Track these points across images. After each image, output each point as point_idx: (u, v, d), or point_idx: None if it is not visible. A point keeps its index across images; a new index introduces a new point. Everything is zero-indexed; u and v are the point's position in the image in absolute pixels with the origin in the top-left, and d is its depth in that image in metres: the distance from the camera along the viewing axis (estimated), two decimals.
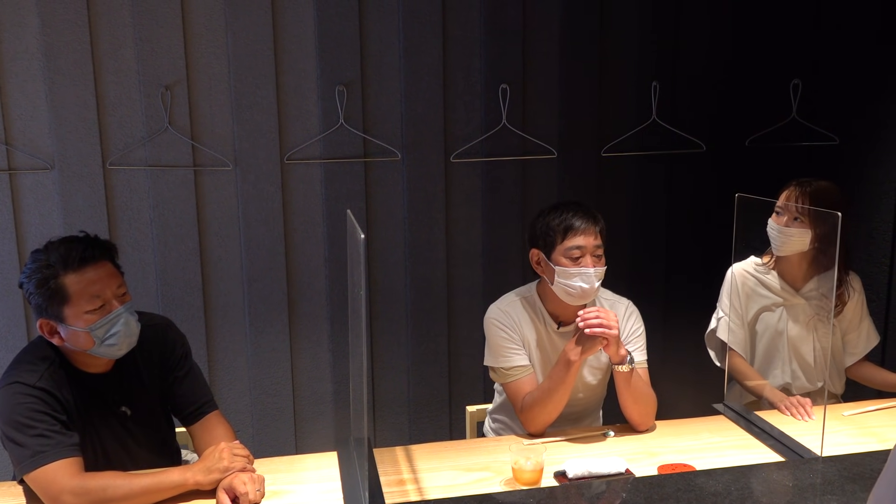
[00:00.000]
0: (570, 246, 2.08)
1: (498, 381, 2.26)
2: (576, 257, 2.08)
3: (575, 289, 2.08)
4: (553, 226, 2.11)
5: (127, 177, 2.77)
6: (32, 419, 1.71)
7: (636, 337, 2.21)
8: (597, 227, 2.11)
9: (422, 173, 2.94)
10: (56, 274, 1.74)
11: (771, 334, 2.40)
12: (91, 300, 1.75)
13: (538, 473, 1.83)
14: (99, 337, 1.77)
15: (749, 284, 2.41)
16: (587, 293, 2.09)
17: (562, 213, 2.11)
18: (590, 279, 2.07)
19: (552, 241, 2.11)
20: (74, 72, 2.66)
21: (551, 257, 2.11)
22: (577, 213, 2.11)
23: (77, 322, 1.75)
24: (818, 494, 1.68)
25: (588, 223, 2.10)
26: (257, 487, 1.77)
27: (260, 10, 2.73)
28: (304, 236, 2.91)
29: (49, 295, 1.74)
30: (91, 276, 1.76)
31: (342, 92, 2.81)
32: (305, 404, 3.02)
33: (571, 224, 2.09)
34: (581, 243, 2.08)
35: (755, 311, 2.41)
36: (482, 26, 2.89)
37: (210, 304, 2.89)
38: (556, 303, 2.18)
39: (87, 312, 1.75)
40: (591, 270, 2.07)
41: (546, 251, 2.13)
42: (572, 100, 3.00)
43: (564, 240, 2.09)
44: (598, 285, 2.10)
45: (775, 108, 3.06)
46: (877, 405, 2.26)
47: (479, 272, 3.05)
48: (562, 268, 2.09)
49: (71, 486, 1.67)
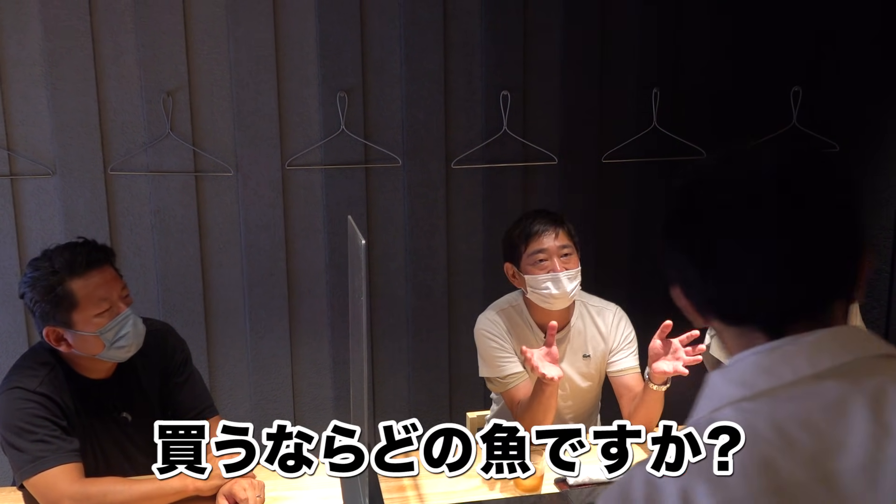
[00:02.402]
0: (532, 251, 2.08)
1: (496, 390, 2.25)
2: (541, 260, 2.07)
3: (546, 294, 2.06)
4: (515, 236, 2.13)
5: (128, 182, 2.77)
6: (33, 424, 1.71)
7: (627, 343, 2.20)
8: (560, 228, 2.10)
9: (423, 179, 2.94)
10: (62, 280, 1.74)
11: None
12: (99, 303, 1.76)
13: (538, 480, 1.82)
14: (109, 340, 1.78)
15: None
16: (559, 298, 2.07)
17: (522, 223, 2.13)
18: (559, 283, 2.05)
19: (518, 251, 2.11)
20: (76, 77, 2.67)
21: (520, 267, 2.11)
22: (537, 218, 2.11)
23: (87, 326, 1.75)
24: None
25: (547, 225, 2.09)
26: (257, 493, 1.77)
27: (261, 17, 2.74)
28: (304, 242, 2.91)
29: (56, 301, 1.74)
30: (97, 280, 1.77)
31: (343, 98, 2.82)
32: (306, 410, 3.01)
33: (531, 230, 2.09)
34: (543, 246, 2.07)
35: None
36: (483, 33, 2.89)
37: (211, 310, 2.89)
38: (539, 312, 2.18)
39: (96, 316, 1.76)
40: (560, 274, 2.05)
41: (515, 262, 2.13)
42: (573, 106, 3.01)
43: (528, 246, 2.09)
44: (571, 287, 2.06)
45: (776, 116, 3.06)
46: None
47: (480, 279, 3.05)
48: (531, 276, 2.08)
49: (71, 492, 1.67)
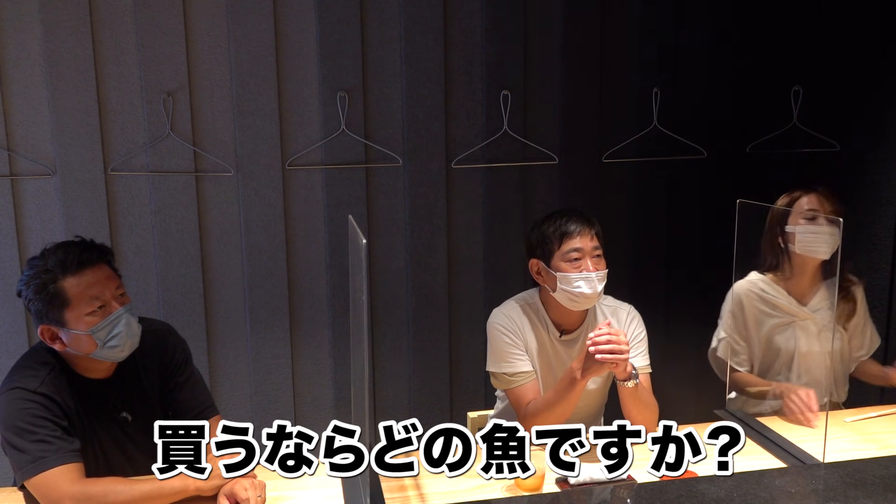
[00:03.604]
0: (567, 249, 2.09)
1: (500, 387, 2.25)
2: (575, 259, 2.08)
3: (577, 293, 2.08)
4: (549, 233, 2.12)
5: (128, 183, 2.77)
6: (33, 424, 1.71)
7: (638, 342, 2.20)
8: (593, 230, 2.12)
9: (423, 179, 2.94)
10: (55, 278, 1.74)
11: (782, 353, 2.37)
12: (90, 302, 1.76)
13: (540, 480, 1.82)
14: (101, 339, 1.77)
15: (757, 306, 2.36)
16: (590, 297, 2.09)
17: (556, 220, 2.13)
18: (592, 282, 2.07)
19: (550, 248, 2.12)
20: (77, 78, 2.67)
21: (551, 264, 2.12)
22: (572, 217, 2.12)
23: (78, 325, 1.76)
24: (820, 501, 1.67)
25: (583, 226, 2.11)
26: (258, 493, 1.76)
27: (262, 17, 2.74)
28: (305, 242, 2.91)
29: (49, 300, 1.74)
30: (89, 279, 1.77)
31: (343, 98, 2.82)
32: (307, 410, 3.01)
33: (567, 229, 2.10)
34: (578, 245, 2.08)
35: (765, 333, 2.37)
36: (483, 32, 2.89)
37: (211, 310, 2.89)
38: (558, 310, 2.18)
39: (87, 315, 1.76)
40: (593, 274, 2.07)
41: (545, 259, 2.14)
42: (573, 106, 3.01)
43: (562, 245, 2.10)
44: (600, 288, 2.09)
45: (776, 115, 3.06)
46: (878, 411, 2.25)
47: (481, 278, 3.05)
48: (563, 273, 2.09)
49: (72, 492, 1.67)
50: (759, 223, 2.34)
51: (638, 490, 1.75)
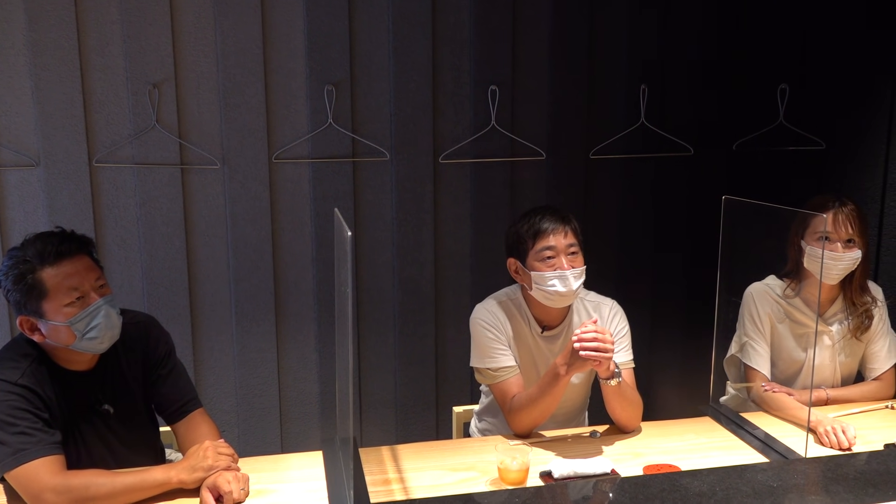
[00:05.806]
0: (540, 248, 2.09)
1: (484, 382, 2.25)
2: (548, 258, 2.08)
3: (552, 291, 2.08)
4: (523, 232, 2.13)
5: (113, 174, 2.75)
6: (14, 416, 1.70)
7: (621, 337, 2.21)
8: (568, 227, 2.12)
9: (410, 174, 2.94)
10: (33, 269, 1.73)
11: (794, 362, 2.36)
12: (69, 293, 1.75)
13: (524, 473, 1.83)
14: (80, 330, 1.76)
15: (776, 311, 2.34)
16: (565, 296, 2.09)
17: (531, 219, 2.13)
18: (566, 281, 2.07)
19: (524, 247, 2.12)
20: (61, 68, 2.65)
21: (526, 263, 2.12)
22: (546, 215, 2.12)
23: (57, 316, 1.74)
24: (802, 495, 1.69)
25: (557, 224, 2.10)
26: (241, 486, 1.76)
27: (249, 9, 2.72)
28: (291, 236, 2.90)
29: (27, 290, 1.73)
30: (68, 270, 1.75)
31: (331, 91, 2.80)
32: (292, 404, 3.01)
33: (540, 227, 2.10)
34: (552, 243, 2.08)
35: (782, 341, 2.36)
36: (471, 27, 2.89)
37: (196, 304, 2.87)
38: (539, 307, 2.19)
39: (65, 306, 1.74)
40: (568, 272, 2.07)
41: (521, 258, 2.14)
42: (561, 102, 3.01)
43: (536, 243, 2.10)
44: (577, 286, 2.09)
45: (763, 113, 3.08)
46: (860, 407, 2.27)
47: (467, 273, 3.05)
48: (538, 272, 2.09)
49: (53, 485, 1.66)
50: (744, 219, 2.34)
51: (621, 484, 1.75)
